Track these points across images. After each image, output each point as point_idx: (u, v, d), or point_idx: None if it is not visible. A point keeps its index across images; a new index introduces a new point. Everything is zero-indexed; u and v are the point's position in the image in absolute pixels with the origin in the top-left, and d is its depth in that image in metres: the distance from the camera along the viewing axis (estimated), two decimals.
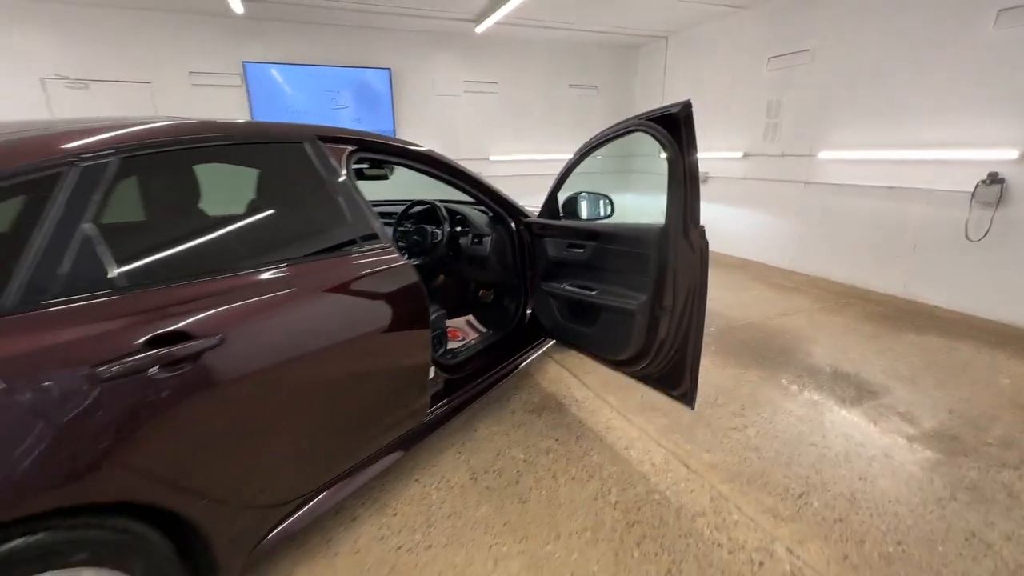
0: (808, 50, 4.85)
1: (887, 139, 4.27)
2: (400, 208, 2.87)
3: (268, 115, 5.67)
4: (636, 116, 1.78)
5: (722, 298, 4.32)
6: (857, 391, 2.66)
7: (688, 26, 6.17)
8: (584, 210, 2.40)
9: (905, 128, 4.14)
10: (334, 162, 1.62)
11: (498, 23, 5.50)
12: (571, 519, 1.76)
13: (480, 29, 5.79)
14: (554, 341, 2.70)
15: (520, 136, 7.00)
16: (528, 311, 2.56)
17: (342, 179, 1.62)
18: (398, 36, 6.07)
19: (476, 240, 2.52)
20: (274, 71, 5.61)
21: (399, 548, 1.64)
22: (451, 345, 2.46)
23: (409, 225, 2.69)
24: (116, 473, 0.99)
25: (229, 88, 5.53)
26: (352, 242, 1.57)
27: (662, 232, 1.73)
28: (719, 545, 1.64)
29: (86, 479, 0.95)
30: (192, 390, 1.10)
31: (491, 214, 2.50)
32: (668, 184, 1.66)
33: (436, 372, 1.99)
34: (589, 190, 2.42)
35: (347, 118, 6.01)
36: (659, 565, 1.57)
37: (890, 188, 4.28)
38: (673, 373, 1.87)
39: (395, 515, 1.79)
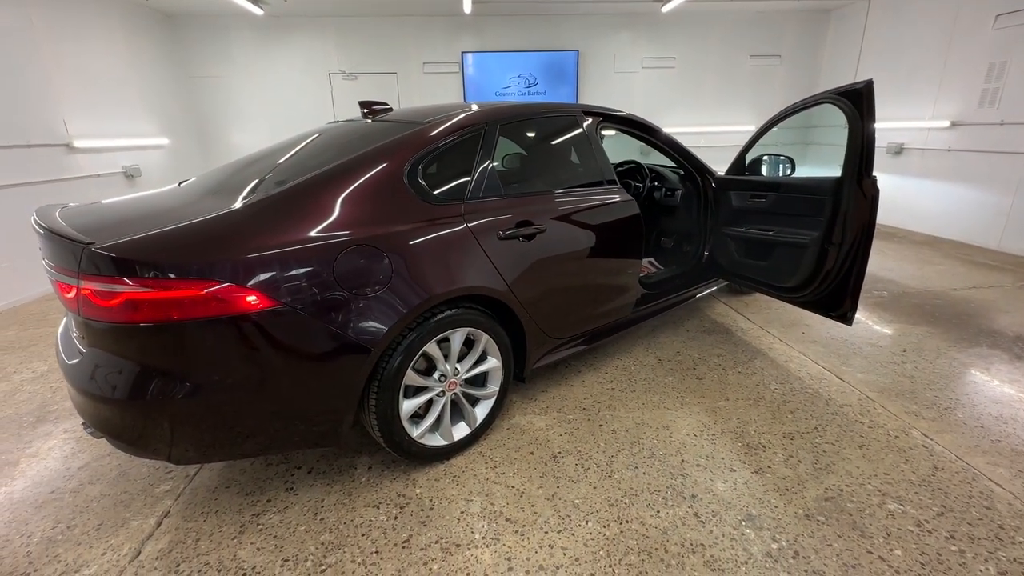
0: None
1: None
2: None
3: (477, 96, 6.88)
4: (824, 91, 2.26)
5: (900, 269, 4.32)
6: None
7: None
8: (767, 169, 2.90)
9: None
10: (591, 128, 2.44)
11: (687, 0, 5.86)
12: (737, 392, 2.41)
13: (667, 8, 6.20)
14: (723, 284, 3.25)
15: (695, 109, 7.27)
16: (705, 253, 3.16)
17: (596, 139, 2.43)
18: (587, 20, 6.77)
19: (669, 193, 3.19)
20: (483, 58, 6.75)
21: (612, 388, 2.47)
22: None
23: None
24: (496, 284, 1.92)
25: (449, 75, 6.84)
26: (601, 182, 2.39)
27: (838, 181, 2.21)
28: (860, 423, 2.15)
29: (487, 281, 1.88)
30: (533, 254, 2.01)
31: (683, 172, 3.13)
32: (847, 144, 2.14)
33: (638, 285, 2.74)
34: (773, 152, 2.90)
35: (536, 95, 6.96)
36: (807, 423, 2.15)
37: None
38: (834, 298, 2.35)
39: (606, 373, 2.62)
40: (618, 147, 3.50)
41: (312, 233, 1.53)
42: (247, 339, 1.42)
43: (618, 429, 2.14)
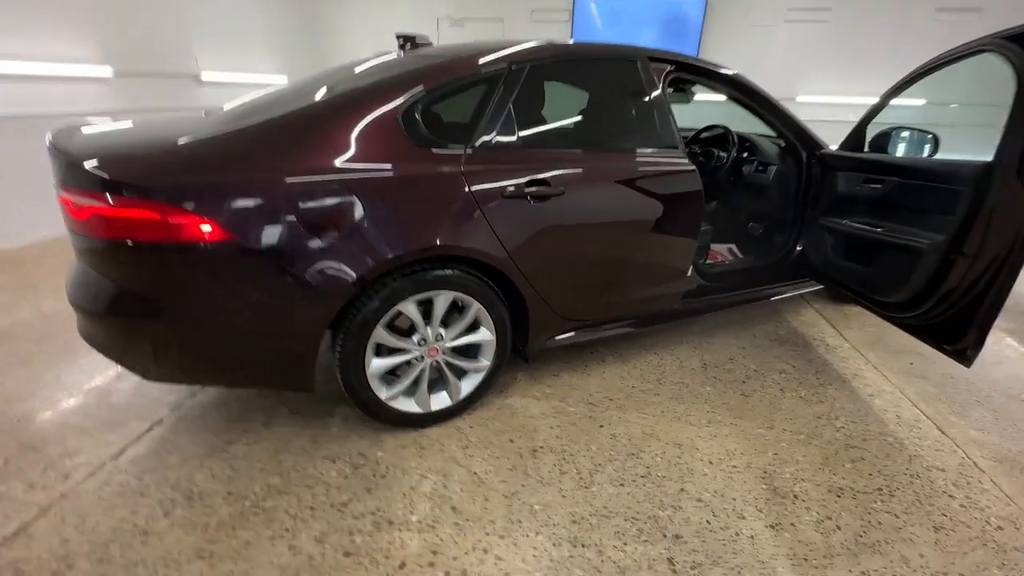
0: None
1: None
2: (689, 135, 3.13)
3: None
4: (987, 35, 1.59)
5: None
6: None
7: None
8: (899, 146, 2.23)
9: None
10: (655, 79, 2.02)
11: None
12: (788, 421, 1.95)
13: None
14: (816, 287, 2.66)
15: (851, 74, 6.00)
16: (797, 248, 2.58)
17: (658, 93, 2.01)
18: None
19: (760, 168, 2.62)
20: (593, 5, 6.17)
21: (633, 388, 2.14)
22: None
23: (697, 148, 2.93)
24: (493, 248, 1.67)
25: (558, 23, 6.38)
26: (658, 145, 1.99)
27: (986, 168, 1.58)
28: (950, 496, 1.61)
29: (480, 243, 1.64)
30: (544, 219, 1.74)
31: (784, 144, 2.54)
32: (1010, 113, 1.49)
33: (693, 274, 2.31)
34: (911, 125, 2.21)
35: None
36: (869, 481, 1.66)
37: None
38: (953, 326, 1.75)
39: (634, 368, 2.28)
40: (709, 110, 2.92)
41: (281, 167, 1.42)
42: (201, 268, 1.38)
43: (620, 435, 1.84)
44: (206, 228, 1.34)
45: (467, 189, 1.61)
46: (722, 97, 2.34)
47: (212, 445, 1.74)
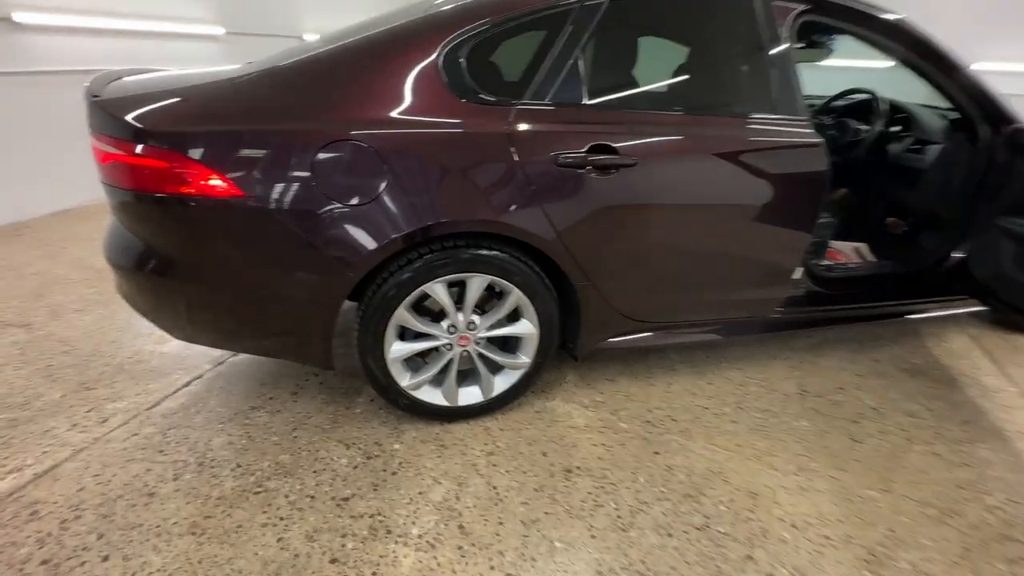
0: None
1: None
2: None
3: None
4: None
5: None
6: None
7: None
8: None
9: None
10: (778, 23, 1.55)
11: None
12: (913, 486, 1.47)
13: None
14: (976, 308, 2.04)
15: None
16: (955, 254, 1.97)
17: (780, 42, 1.54)
18: None
19: (916, 148, 2.01)
20: None
21: (705, 408, 1.77)
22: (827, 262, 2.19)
23: (828, 119, 2.35)
24: (539, 228, 1.38)
25: None
26: (771, 110, 1.54)
27: None
28: None
29: (523, 220, 1.36)
30: (608, 196, 1.41)
31: (957, 117, 1.91)
32: None
33: (803, 277, 1.85)
34: None
35: None
36: None
37: None
38: None
39: (710, 384, 1.90)
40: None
41: (297, 117, 1.25)
42: (210, 226, 1.27)
43: (677, 468, 1.50)
44: (216, 183, 1.21)
45: (512, 153, 1.33)
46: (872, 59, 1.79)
47: (237, 409, 1.69)
